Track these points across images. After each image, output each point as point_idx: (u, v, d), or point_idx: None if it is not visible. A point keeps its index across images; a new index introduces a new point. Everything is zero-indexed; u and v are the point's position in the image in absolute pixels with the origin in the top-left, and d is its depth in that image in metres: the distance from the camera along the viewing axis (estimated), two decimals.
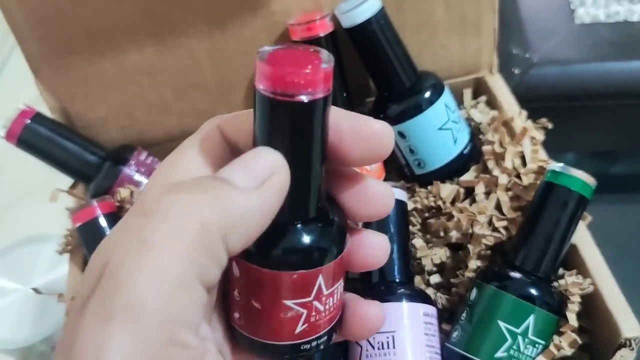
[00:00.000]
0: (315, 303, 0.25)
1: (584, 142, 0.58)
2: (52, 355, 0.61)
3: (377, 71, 0.50)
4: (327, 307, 0.26)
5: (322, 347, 0.26)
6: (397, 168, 0.53)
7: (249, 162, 0.23)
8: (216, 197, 0.22)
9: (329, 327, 0.26)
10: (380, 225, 0.44)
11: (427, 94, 0.49)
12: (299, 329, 0.25)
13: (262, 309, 0.25)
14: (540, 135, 0.47)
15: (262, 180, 0.22)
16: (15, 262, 0.64)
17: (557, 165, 0.43)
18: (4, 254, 0.65)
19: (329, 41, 0.48)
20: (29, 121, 0.49)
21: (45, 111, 0.51)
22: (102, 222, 0.47)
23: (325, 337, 0.26)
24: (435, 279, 0.48)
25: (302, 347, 0.26)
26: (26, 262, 0.64)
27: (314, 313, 0.25)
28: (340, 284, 0.26)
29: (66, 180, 0.54)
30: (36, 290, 0.53)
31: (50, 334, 0.59)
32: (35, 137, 0.50)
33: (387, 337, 0.40)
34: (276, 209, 0.23)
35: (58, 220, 0.69)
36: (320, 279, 0.25)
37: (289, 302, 0.24)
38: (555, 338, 0.41)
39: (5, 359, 0.62)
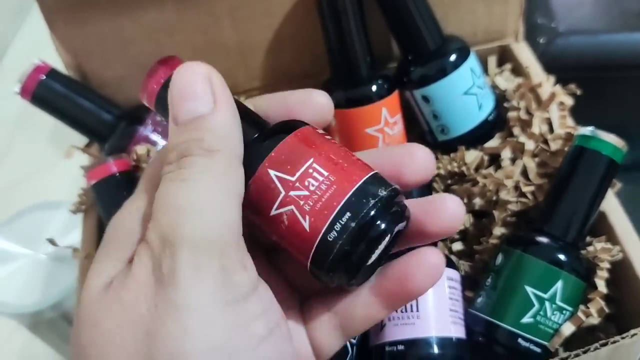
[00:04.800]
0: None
1: (608, 115, 0.57)
2: (60, 322, 0.60)
3: (402, 33, 0.49)
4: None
5: None
6: (418, 135, 0.52)
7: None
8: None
9: None
10: None
11: (453, 58, 0.47)
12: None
13: None
14: (569, 100, 0.46)
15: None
16: (26, 228, 0.64)
17: (587, 129, 0.42)
18: (14, 219, 0.64)
19: (354, 2, 0.47)
20: (44, 77, 0.48)
21: (61, 69, 0.50)
22: (118, 179, 0.46)
23: None
24: (457, 246, 0.47)
25: None
26: (36, 228, 0.63)
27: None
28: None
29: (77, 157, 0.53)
30: (52, 242, 0.51)
31: (59, 301, 0.58)
32: (50, 93, 0.48)
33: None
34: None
35: (65, 193, 0.69)
36: None
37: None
38: (583, 306, 0.40)
39: (13, 325, 0.61)
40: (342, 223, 0.25)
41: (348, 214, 0.25)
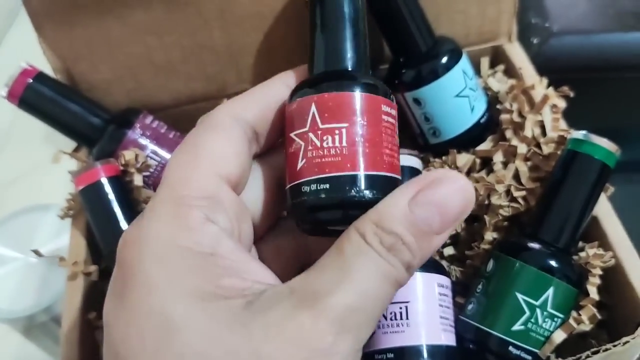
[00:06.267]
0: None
1: (603, 116, 0.56)
2: (53, 326, 0.60)
3: (393, 34, 0.48)
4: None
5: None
6: (410, 138, 0.51)
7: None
8: None
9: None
10: None
11: (444, 60, 0.47)
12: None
13: None
14: (562, 103, 0.46)
15: None
16: (16, 231, 0.63)
17: (580, 133, 0.41)
18: (4, 222, 0.64)
19: None
20: (31, 80, 0.47)
21: (49, 73, 0.50)
22: (106, 185, 0.45)
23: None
24: (449, 251, 0.46)
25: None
26: (26, 231, 0.63)
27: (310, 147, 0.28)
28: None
29: (68, 159, 0.52)
30: (37, 253, 0.51)
31: (50, 304, 0.57)
32: (38, 97, 0.48)
33: (400, 308, 0.39)
34: None
35: (59, 194, 0.68)
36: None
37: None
38: (575, 312, 0.40)
39: (5, 328, 0.61)
40: (318, 188, 0.27)
41: (327, 185, 0.27)
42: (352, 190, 0.27)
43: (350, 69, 0.31)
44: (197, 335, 0.23)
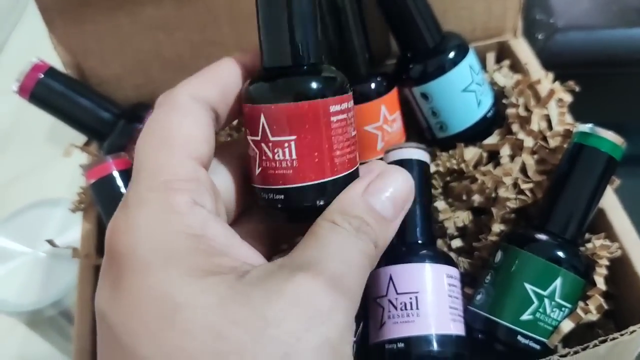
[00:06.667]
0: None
1: (607, 111, 0.57)
2: (60, 320, 0.60)
3: (400, 30, 0.48)
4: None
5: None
6: (417, 132, 0.52)
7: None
8: None
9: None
10: None
11: (452, 55, 0.47)
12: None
13: None
14: (568, 97, 0.46)
15: None
16: (25, 226, 0.64)
17: (586, 126, 0.42)
18: (14, 217, 0.64)
19: None
20: (42, 75, 0.48)
21: (59, 68, 0.50)
22: (117, 178, 0.46)
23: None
24: (456, 243, 0.47)
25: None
26: (35, 226, 0.63)
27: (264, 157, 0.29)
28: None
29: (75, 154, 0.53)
30: (51, 243, 0.51)
31: (58, 299, 0.58)
32: (49, 92, 0.48)
33: (410, 298, 0.39)
34: None
35: (66, 189, 0.69)
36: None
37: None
38: (582, 302, 0.40)
39: (13, 322, 0.61)
40: (274, 198, 0.29)
41: (282, 196, 0.29)
42: (305, 202, 0.29)
43: (300, 66, 0.29)
44: (201, 310, 0.24)
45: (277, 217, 0.31)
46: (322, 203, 0.29)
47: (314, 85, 0.28)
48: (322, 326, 0.24)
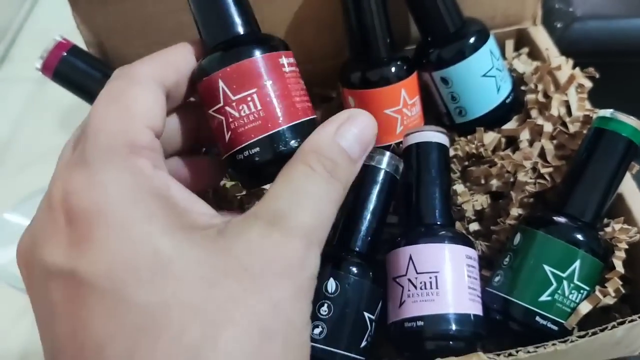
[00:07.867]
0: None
1: (626, 100, 0.57)
2: None
3: (422, 14, 0.49)
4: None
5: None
6: (435, 117, 0.52)
7: None
8: None
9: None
10: (422, 169, 0.43)
11: (472, 40, 0.48)
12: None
13: None
14: (588, 83, 0.46)
15: None
16: (35, 208, 0.64)
17: (607, 111, 0.42)
18: (30, 198, 0.65)
19: None
20: (66, 54, 0.48)
21: (81, 46, 0.50)
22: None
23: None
24: (474, 227, 0.47)
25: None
26: None
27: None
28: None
29: None
30: None
31: None
32: (72, 70, 0.49)
33: (430, 278, 0.40)
34: None
35: None
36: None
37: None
38: (600, 285, 0.41)
39: (26, 298, 0.61)
40: (250, 154, 0.31)
41: (257, 149, 0.31)
42: (280, 146, 0.31)
43: (242, 33, 0.33)
44: (193, 262, 0.25)
45: (253, 178, 0.33)
46: (296, 145, 0.31)
47: (262, 40, 0.32)
48: (296, 277, 0.27)
